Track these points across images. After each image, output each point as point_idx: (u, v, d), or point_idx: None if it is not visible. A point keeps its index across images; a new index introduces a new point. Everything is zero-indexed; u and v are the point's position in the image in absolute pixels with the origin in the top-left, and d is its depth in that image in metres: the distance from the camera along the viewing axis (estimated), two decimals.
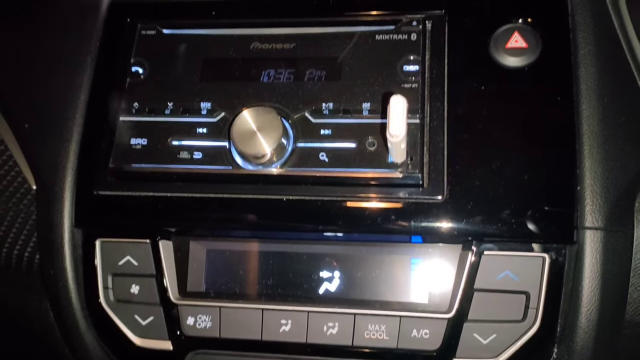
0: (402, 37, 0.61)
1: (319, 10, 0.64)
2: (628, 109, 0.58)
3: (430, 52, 0.61)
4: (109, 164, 0.60)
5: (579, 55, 0.59)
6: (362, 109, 0.59)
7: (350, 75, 0.60)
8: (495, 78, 0.60)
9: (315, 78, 0.61)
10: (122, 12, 0.67)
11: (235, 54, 0.63)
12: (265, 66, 0.62)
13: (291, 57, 0.62)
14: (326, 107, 0.59)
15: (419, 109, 0.58)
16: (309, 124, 0.59)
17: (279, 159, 0.58)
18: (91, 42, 0.66)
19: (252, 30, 0.64)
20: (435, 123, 0.58)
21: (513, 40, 0.60)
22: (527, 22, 0.61)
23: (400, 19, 0.62)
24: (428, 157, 0.57)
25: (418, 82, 0.59)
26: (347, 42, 0.62)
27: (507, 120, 0.58)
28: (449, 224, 0.56)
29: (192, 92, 0.62)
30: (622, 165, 0.56)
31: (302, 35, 0.63)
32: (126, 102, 0.62)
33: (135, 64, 0.64)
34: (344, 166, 0.57)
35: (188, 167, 0.59)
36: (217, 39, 0.64)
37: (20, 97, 0.67)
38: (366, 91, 0.60)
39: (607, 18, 0.61)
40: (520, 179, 0.56)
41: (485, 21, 0.62)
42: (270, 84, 0.61)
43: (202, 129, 0.60)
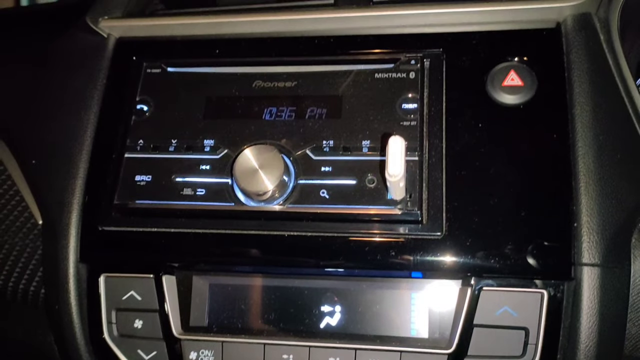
0: (401, 76, 0.63)
1: (320, 49, 0.66)
2: (623, 146, 0.59)
3: (428, 90, 0.62)
4: (114, 200, 0.61)
5: (574, 94, 0.60)
6: (361, 147, 0.60)
7: (351, 113, 0.62)
8: (492, 115, 0.61)
9: (316, 116, 0.62)
10: (129, 50, 0.69)
11: (237, 92, 0.64)
12: (267, 104, 0.63)
13: (293, 95, 0.64)
14: (327, 145, 0.61)
15: (418, 146, 0.60)
16: (310, 161, 0.60)
17: (280, 195, 0.59)
18: (98, 79, 0.68)
19: (254, 68, 0.65)
20: (434, 160, 0.59)
21: (509, 79, 0.62)
22: (522, 61, 0.62)
23: (399, 57, 0.63)
24: (427, 194, 0.58)
25: (417, 119, 0.61)
26: (348, 80, 0.63)
27: (504, 157, 0.59)
28: (448, 260, 0.57)
29: (195, 129, 0.63)
30: (618, 202, 0.57)
31: (304, 73, 0.64)
32: (131, 139, 0.64)
33: (140, 102, 0.65)
34: (345, 203, 0.58)
35: (191, 203, 0.60)
36: (220, 77, 0.66)
37: (28, 133, 0.69)
38: (366, 129, 0.61)
39: (601, 56, 0.62)
40: (517, 215, 0.57)
41: (482, 59, 0.63)
42: (272, 122, 0.63)
43: (205, 165, 0.61)
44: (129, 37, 0.71)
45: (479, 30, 0.65)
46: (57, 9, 0.82)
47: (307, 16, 0.67)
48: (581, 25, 0.63)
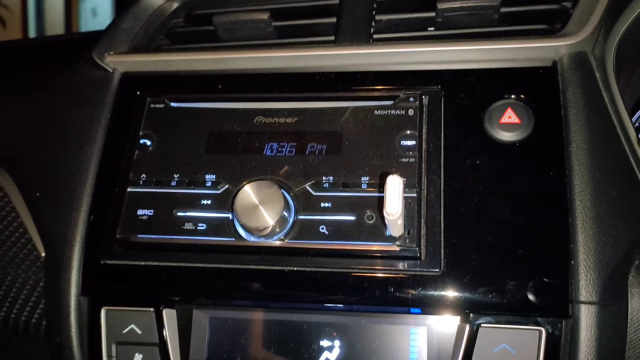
0: (400, 113, 0.64)
1: (320, 85, 0.67)
2: (619, 184, 0.60)
3: (427, 127, 0.63)
4: (116, 234, 0.62)
5: (571, 131, 0.61)
6: (360, 183, 0.61)
7: (350, 149, 0.63)
8: (489, 152, 0.62)
9: (316, 152, 0.63)
10: (133, 85, 0.71)
11: (239, 128, 0.66)
12: (268, 140, 0.64)
13: (293, 131, 0.65)
14: (326, 181, 0.61)
15: (416, 183, 0.60)
16: (309, 197, 0.61)
17: (280, 231, 0.60)
18: (103, 113, 0.69)
19: (256, 104, 0.67)
20: (432, 196, 0.60)
21: (506, 116, 0.63)
22: (520, 98, 0.63)
23: (397, 95, 0.64)
24: (425, 230, 0.59)
25: (415, 156, 0.62)
26: (347, 116, 0.65)
27: (502, 194, 0.60)
28: (446, 296, 0.58)
29: (197, 164, 0.64)
30: (615, 240, 0.57)
31: (304, 109, 0.66)
32: (134, 173, 0.65)
33: (143, 137, 0.67)
34: (344, 239, 0.59)
35: (192, 238, 0.61)
36: (222, 112, 0.67)
37: (33, 165, 0.70)
38: (365, 165, 0.62)
39: (597, 94, 0.63)
40: (515, 253, 0.57)
41: (480, 97, 0.64)
42: (273, 157, 0.64)
43: (206, 200, 0.62)
44: (134, 72, 0.72)
45: (477, 68, 0.66)
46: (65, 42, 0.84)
47: (307, 53, 0.69)
48: (577, 64, 0.64)
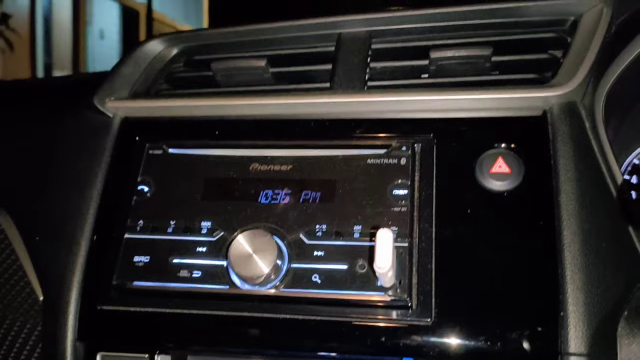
0: (392, 162, 0.65)
1: (315, 132, 0.69)
2: (609, 234, 0.60)
3: (419, 176, 0.64)
4: (113, 280, 0.63)
5: (560, 181, 0.62)
6: (353, 232, 0.62)
7: (344, 198, 0.64)
8: (480, 202, 0.63)
9: (310, 200, 0.64)
10: (133, 130, 0.72)
11: (235, 175, 0.67)
12: (264, 187, 0.66)
13: (288, 179, 0.66)
14: (320, 229, 0.63)
15: (408, 232, 0.61)
16: (303, 245, 0.62)
17: (274, 279, 0.61)
18: (102, 158, 0.71)
19: (252, 151, 0.68)
20: (424, 245, 0.61)
21: (497, 166, 0.64)
22: (510, 148, 0.65)
23: (390, 143, 0.66)
24: (417, 280, 0.60)
25: (407, 205, 0.63)
26: (341, 165, 0.66)
27: (493, 243, 0.61)
28: (437, 346, 0.58)
29: (193, 211, 0.65)
30: (604, 291, 0.58)
31: (299, 157, 0.67)
32: (131, 219, 0.66)
33: (141, 183, 0.68)
34: (336, 288, 0.60)
35: (187, 285, 0.62)
36: (219, 159, 0.68)
37: (33, 208, 0.71)
38: (358, 214, 0.63)
39: (587, 144, 0.65)
40: (505, 303, 0.58)
41: (471, 146, 0.65)
42: (268, 205, 0.65)
43: (202, 248, 0.63)
44: (134, 117, 0.74)
45: (468, 117, 0.67)
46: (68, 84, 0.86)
47: (303, 100, 0.70)
48: (567, 114, 0.65)
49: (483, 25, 0.74)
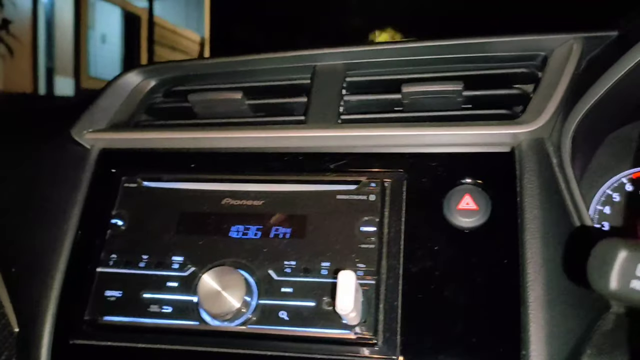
0: (362, 198, 0.66)
1: (288, 167, 0.70)
2: (572, 273, 0.61)
3: (387, 212, 0.65)
4: (85, 315, 0.64)
5: (525, 219, 0.63)
6: (320, 269, 0.63)
7: (314, 234, 0.65)
8: (448, 238, 0.64)
9: (280, 235, 0.65)
10: (110, 162, 0.73)
11: (208, 209, 0.68)
12: (235, 222, 0.67)
13: (259, 214, 0.67)
14: (288, 265, 0.64)
15: (375, 270, 0.62)
16: (271, 281, 0.63)
17: (242, 315, 0.61)
18: (79, 191, 0.72)
19: (225, 185, 0.69)
20: (391, 282, 0.62)
21: (464, 202, 0.65)
22: (478, 184, 0.66)
23: (360, 179, 0.67)
24: (383, 317, 0.61)
25: (375, 242, 0.64)
26: (312, 200, 0.67)
27: (458, 281, 0.62)
28: None
29: (166, 245, 0.67)
30: (566, 330, 0.59)
31: (271, 192, 0.68)
32: (105, 253, 0.67)
33: (116, 216, 0.69)
34: (303, 325, 0.61)
35: (157, 321, 0.63)
36: (193, 193, 0.69)
37: (9, 240, 0.72)
38: (326, 250, 0.64)
39: (553, 181, 0.65)
40: (469, 341, 0.59)
41: (440, 181, 0.66)
42: (239, 240, 0.66)
43: (173, 283, 0.64)
44: (112, 149, 0.75)
45: (438, 152, 0.68)
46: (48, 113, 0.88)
47: (276, 134, 0.71)
48: (534, 150, 0.66)
49: (456, 59, 0.75)
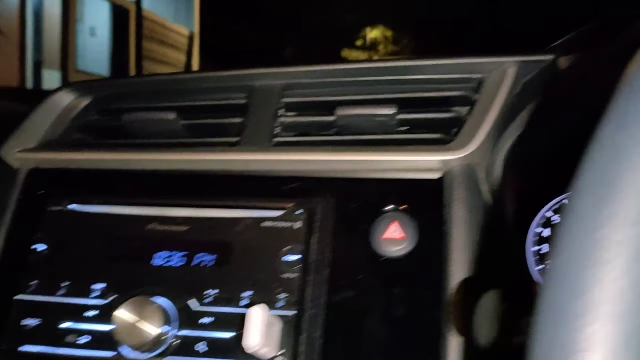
0: (287, 225, 0.65)
1: (216, 192, 0.69)
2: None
3: (313, 241, 0.64)
4: (2, 344, 0.63)
5: (451, 249, 0.62)
6: (241, 299, 0.62)
7: (238, 262, 0.64)
8: (373, 268, 0.63)
9: (204, 263, 0.64)
10: (37, 184, 0.72)
11: (132, 235, 0.67)
12: (159, 249, 0.65)
13: (184, 241, 0.66)
14: (210, 295, 0.62)
15: (297, 301, 0.61)
16: (191, 312, 0.62)
17: (160, 347, 0.60)
18: (6, 213, 0.71)
19: (150, 209, 0.68)
20: (313, 314, 0.61)
21: (392, 230, 0.64)
22: (406, 212, 0.64)
23: (286, 206, 0.66)
24: (304, 349, 0.60)
25: (299, 272, 0.62)
26: (238, 227, 0.66)
27: (382, 312, 0.61)
28: None
29: (88, 272, 0.65)
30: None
31: (197, 218, 0.67)
32: (25, 280, 0.66)
33: (39, 241, 0.68)
34: (222, 357, 0.60)
35: (73, 352, 0.62)
36: (118, 218, 0.68)
37: None
38: (249, 280, 0.63)
39: (482, 209, 0.64)
40: None
41: (368, 209, 0.65)
42: (162, 268, 0.65)
43: (92, 312, 0.63)
44: (40, 170, 0.73)
45: (368, 178, 0.67)
46: None
47: (206, 157, 0.70)
48: (465, 177, 0.65)
49: (393, 81, 0.73)
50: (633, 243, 0.23)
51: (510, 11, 4.05)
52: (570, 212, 0.25)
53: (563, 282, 0.24)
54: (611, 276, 0.23)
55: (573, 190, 0.26)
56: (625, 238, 0.23)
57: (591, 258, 0.24)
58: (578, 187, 0.26)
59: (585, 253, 0.24)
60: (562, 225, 0.26)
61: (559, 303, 0.24)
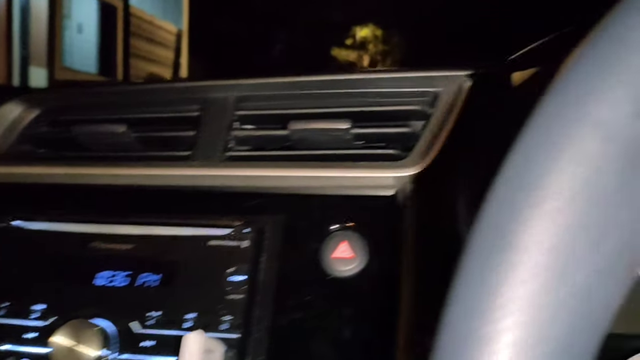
0: (234, 244, 0.63)
1: (163, 209, 0.67)
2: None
3: (260, 260, 0.62)
4: None
5: (403, 269, 0.60)
6: (185, 321, 0.60)
7: (183, 283, 0.62)
8: (321, 288, 0.61)
9: (148, 283, 0.62)
10: None
11: (75, 253, 0.65)
12: (102, 268, 0.63)
13: (128, 259, 0.64)
14: (153, 317, 0.61)
15: (242, 323, 0.59)
16: (132, 335, 0.60)
17: None
18: None
19: (95, 227, 0.66)
20: (258, 336, 0.59)
21: (341, 249, 0.62)
22: (357, 230, 0.63)
23: (234, 223, 0.64)
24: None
25: (245, 292, 0.61)
26: (184, 246, 0.64)
27: (329, 334, 0.59)
28: None
29: (28, 292, 0.63)
30: None
31: (143, 236, 0.65)
32: None
33: None
34: None
35: None
36: (63, 235, 0.66)
37: None
38: (193, 301, 0.61)
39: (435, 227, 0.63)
40: None
41: (318, 227, 0.63)
42: (104, 288, 0.63)
43: (32, 334, 0.61)
44: None
45: (320, 194, 0.65)
46: None
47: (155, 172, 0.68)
48: (418, 193, 0.63)
49: (348, 94, 0.72)
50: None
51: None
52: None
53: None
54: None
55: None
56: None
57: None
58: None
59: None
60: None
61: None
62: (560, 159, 0.24)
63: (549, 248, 0.24)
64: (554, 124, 0.25)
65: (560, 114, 0.25)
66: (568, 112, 0.25)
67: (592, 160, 0.24)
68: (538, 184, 0.25)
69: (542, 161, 0.25)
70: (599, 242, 0.23)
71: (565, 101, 0.26)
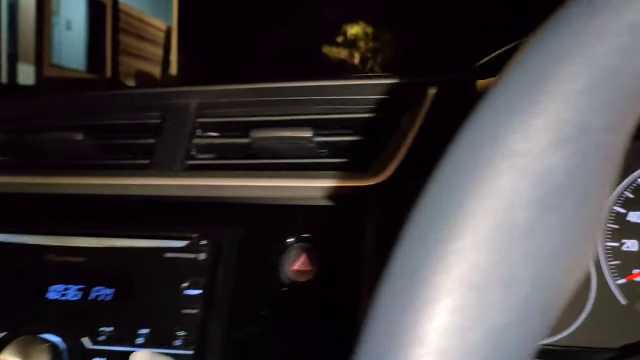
0: (190, 257, 0.61)
1: (119, 220, 0.65)
2: None
3: (217, 273, 0.61)
4: None
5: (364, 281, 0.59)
6: (137, 336, 0.58)
7: (136, 297, 0.60)
8: (278, 301, 0.60)
9: (101, 297, 0.61)
10: None
11: (28, 266, 0.63)
12: (55, 281, 0.62)
13: (81, 273, 0.62)
14: (105, 332, 0.59)
15: (196, 338, 0.58)
16: (84, 351, 0.58)
17: None
18: None
19: (48, 239, 0.64)
20: (212, 352, 0.58)
21: (300, 261, 0.61)
22: (316, 243, 0.61)
23: (191, 235, 0.62)
24: None
25: (200, 307, 0.59)
26: (140, 258, 0.62)
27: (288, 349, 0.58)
28: None
29: None
30: None
31: (96, 248, 0.63)
32: None
33: None
34: None
35: None
36: (14, 248, 0.64)
37: None
38: (147, 316, 0.59)
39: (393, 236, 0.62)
40: None
41: (276, 240, 0.62)
42: (56, 302, 0.61)
43: None
44: None
45: (280, 205, 0.64)
46: None
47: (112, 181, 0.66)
48: (381, 204, 0.62)
49: (311, 101, 0.70)
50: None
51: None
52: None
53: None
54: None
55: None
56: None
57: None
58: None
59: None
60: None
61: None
62: (475, 194, 0.23)
63: (463, 285, 0.23)
64: (470, 155, 0.24)
65: (477, 144, 0.24)
66: (485, 142, 0.24)
67: (506, 195, 0.23)
68: (452, 220, 0.23)
69: (457, 194, 0.24)
70: (510, 283, 0.22)
71: (482, 131, 0.24)
